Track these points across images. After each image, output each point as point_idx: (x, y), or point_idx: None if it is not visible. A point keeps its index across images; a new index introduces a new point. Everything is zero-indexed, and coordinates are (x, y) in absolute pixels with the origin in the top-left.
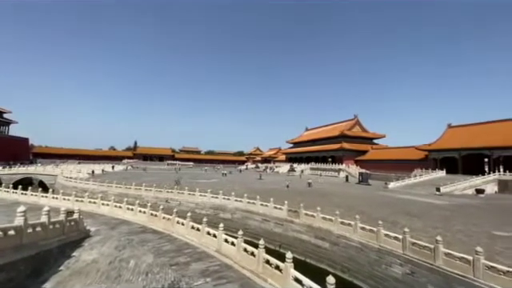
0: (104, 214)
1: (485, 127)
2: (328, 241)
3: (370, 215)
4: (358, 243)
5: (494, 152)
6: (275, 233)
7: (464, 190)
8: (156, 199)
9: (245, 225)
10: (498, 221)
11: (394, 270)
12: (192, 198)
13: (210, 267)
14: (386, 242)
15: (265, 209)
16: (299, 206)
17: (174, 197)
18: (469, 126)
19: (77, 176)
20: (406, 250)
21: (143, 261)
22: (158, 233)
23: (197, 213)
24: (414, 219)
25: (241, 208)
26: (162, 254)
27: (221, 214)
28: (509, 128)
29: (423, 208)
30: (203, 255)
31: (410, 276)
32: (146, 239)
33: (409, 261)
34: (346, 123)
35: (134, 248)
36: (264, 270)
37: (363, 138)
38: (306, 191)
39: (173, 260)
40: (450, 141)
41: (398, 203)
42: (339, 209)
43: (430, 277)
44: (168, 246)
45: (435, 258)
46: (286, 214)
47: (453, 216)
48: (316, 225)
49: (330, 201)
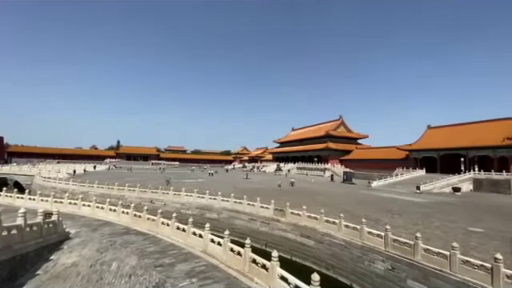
0: (85, 215)
1: (461, 128)
2: (313, 239)
3: (353, 213)
4: (342, 241)
5: (469, 152)
6: (261, 232)
7: (442, 188)
8: (140, 200)
9: (231, 224)
10: (473, 217)
11: (376, 266)
12: (177, 198)
13: (196, 268)
14: (369, 239)
15: (251, 208)
16: (285, 205)
17: (159, 197)
18: (447, 127)
19: (56, 176)
20: (388, 246)
21: (126, 263)
22: (142, 234)
23: (182, 213)
24: (396, 217)
25: (227, 208)
26: (147, 256)
27: (207, 213)
28: (483, 129)
29: (404, 206)
30: (189, 256)
31: (391, 271)
32: (129, 241)
33: (390, 257)
34: (332, 123)
35: (116, 250)
36: (250, 269)
37: (348, 138)
38: (292, 190)
39: (157, 261)
40: (429, 141)
41: (381, 201)
42: (324, 207)
43: (409, 272)
44: (152, 247)
45: (415, 254)
46: (273, 213)
47: (431, 213)
48: (302, 223)
49: (316, 200)
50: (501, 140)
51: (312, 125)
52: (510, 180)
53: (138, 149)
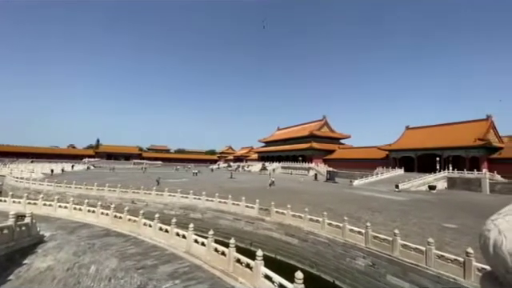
0: (61, 217)
1: (437, 129)
2: (297, 237)
3: (336, 211)
4: (325, 239)
5: (444, 152)
6: (246, 231)
7: (419, 186)
8: (121, 200)
9: (216, 224)
10: (447, 214)
11: (357, 262)
12: (160, 198)
13: (179, 269)
14: (351, 236)
15: (236, 208)
16: (270, 204)
17: (141, 197)
18: (424, 128)
19: (29, 176)
20: (369, 243)
21: (106, 266)
22: (122, 236)
23: (165, 214)
24: (376, 214)
25: (212, 208)
26: (128, 258)
27: (191, 214)
28: (457, 130)
29: (384, 203)
30: (172, 257)
31: (372, 267)
32: (109, 243)
33: (371, 253)
34: (315, 123)
35: (95, 253)
36: (235, 269)
37: (331, 138)
38: (277, 190)
39: (139, 263)
40: (407, 141)
41: (362, 199)
42: (308, 206)
43: (388, 267)
44: (134, 249)
45: (393, 250)
46: (258, 212)
47: (409, 210)
48: (286, 222)
49: (300, 198)
50: (472, 141)
51: (297, 125)
52: (480, 179)
53: (118, 148)
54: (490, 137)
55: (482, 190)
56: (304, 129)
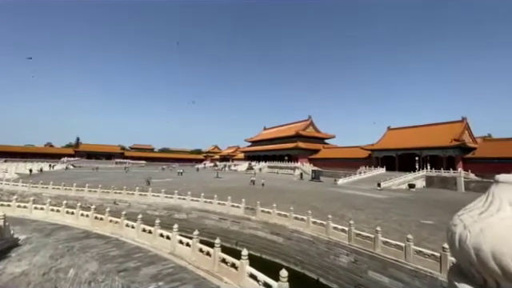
0: (37, 219)
1: (417, 130)
2: (283, 236)
3: (321, 210)
4: (309, 237)
5: (422, 152)
6: (232, 231)
7: (399, 185)
8: (102, 201)
9: (201, 224)
10: (425, 211)
11: (340, 259)
12: (144, 198)
13: (163, 270)
14: (335, 234)
15: (222, 207)
16: (256, 203)
17: (123, 198)
18: (404, 129)
19: (2, 177)
20: (352, 240)
21: (86, 269)
22: (103, 237)
23: (149, 214)
24: (359, 212)
25: (197, 208)
26: (109, 261)
27: (175, 214)
28: (434, 131)
29: (366, 202)
30: (155, 259)
31: (354, 264)
32: (89, 245)
33: (353, 250)
34: (301, 123)
35: (74, 256)
36: (220, 269)
37: (316, 137)
38: (263, 189)
39: (121, 266)
40: (389, 141)
41: (346, 198)
42: (294, 205)
43: (370, 263)
44: (116, 251)
45: (375, 247)
46: (243, 211)
47: (390, 208)
48: (272, 221)
49: (286, 197)
50: (449, 141)
51: (283, 124)
52: (455, 177)
53: (100, 147)
54: (464, 137)
55: (457, 188)
56: (290, 128)
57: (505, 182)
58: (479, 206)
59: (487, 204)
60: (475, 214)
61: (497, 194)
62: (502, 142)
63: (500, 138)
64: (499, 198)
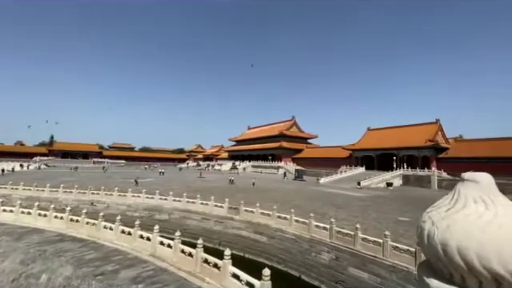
0: (6, 222)
1: (394, 131)
2: (266, 235)
3: (303, 208)
4: (292, 235)
5: (399, 152)
6: (215, 231)
7: (378, 183)
8: (78, 202)
9: (183, 225)
10: (402, 209)
11: (322, 256)
12: (123, 199)
13: (143, 273)
14: (316, 232)
15: (205, 207)
16: (240, 202)
17: (101, 199)
18: (383, 130)
19: None
20: (333, 238)
21: (60, 274)
22: (79, 240)
23: (129, 215)
24: (340, 210)
25: (179, 208)
26: (85, 264)
27: (156, 215)
28: (411, 132)
29: (347, 200)
30: (135, 261)
31: (335, 261)
32: (63, 249)
33: (334, 247)
34: (285, 123)
35: (47, 260)
36: (202, 270)
37: (299, 137)
38: (248, 188)
39: (98, 270)
40: (368, 142)
41: (327, 196)
42: (277, 204)
43: (350, 260)
44: (92, 254)
45: (355, 243)
46: (227, 211)
47: (369, 206)
48: (255, 220)
49: (269, 196)
50: (423, 141)
51: (267, 124)
52: (430, 176)
53: (76, 145)
54: (438, 138)
55: (431, 186)
56: (274, 128)
57: (470, 180)
58: (446, 203)
59: (453, 201)
60: (443, 210)
61: (462, 191)
62: (471, 143)
63: (470, 139)
64: (464, 195)
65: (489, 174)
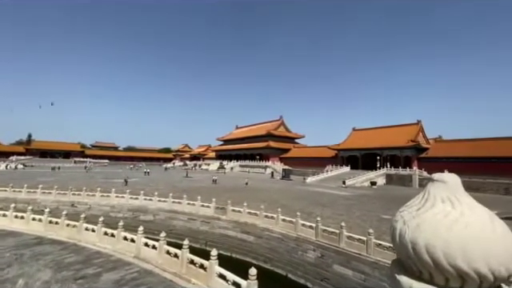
0: None
1: (378, 131)
2: (253, 234)
3: (290, 207)
4: (279, 234)
5: (383, 152)
6: (201, 231)
7: (362, 182)
8: (58, 203)
9: (169, 226)
10: (385, 207)
11: (308, 255)
12: (106, 200)
13: (127, 275)
14: (303, 230)
15: (191, 208)
16: (227, 202)
17: (83, 200)
18: (368, 130)
19: None
20: (318, 236)
21: (38, 278)
22: (59, 243)
23: (112, 217)
24: (326, 209)
25: (165, 208)
26: (65, 268)
27: (141, 216)
28: (394, 132)
29: (332, 198)
30: (118, 263)
31: (321, 259)
32: (42, 252)
33: (320, 246)
34: (272, 123)
35: (24, 264)
36: (188, 271)
37: (287, 137)
38: (236, 188)
39: (79, 273)
40: (353, 142)
41: (314, 195)
42: (264, 203)
43: (335, 258)
44: (73, 257)
45: (340, 241)
46: (214, 211)
47: (354, 204)
48: (242, 220)
49: (257, 196)
50: (406, 142)
51: (255, 124)
52: (411, 175)
53: (56, 144)
54: (419, 139)
55: (412, 184)
56: (262, 128)
57: (438, 180)
58: (417, 202)
59: (424, 201)
60: (413, 210)
61: (432, 191)
62: (450, 143)
63: (449, 140)
64: (433, 195)
65: (456, 175)
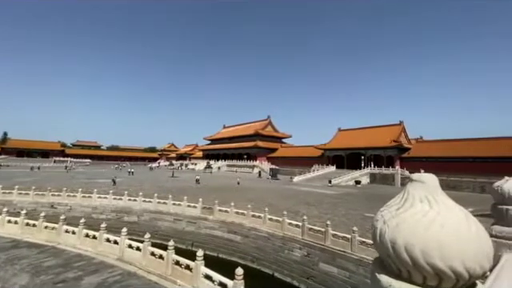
0: None
1: (363, 131)
2: (240, 234)
3: (277, 207)
4: (266, 233)
5: (367, 151)
6: (187, 232)
7: (347, 181)
8: (36, 205)
9: (154, 227)
10: (369, 205)
11: (294, 253)
12: (88, 200)
13: (109, 278)
14: (289, 229)
15: (177, 208)
16: (214, 202)
17: (63, 201)
18: (353, 130)
19: None
20: (305, 235)
21: (13, 283)
22: (37, 246)
23: (94, 218)
24: (312, 207)
25: (150, 209)
26: (43, 272)
27: (125, 217)
28: (377, 133)
29: (319, 197)
30: (101, 266)
31: (307, 257)
32: (19, 256)
33: (306, 244)
34: (260, 123)
35: None
36: (173, 272)
37: (274, 137)
38: (223, 187)
39: (58, 277)
40: (339, 142)
41: (300, 194)
42: (251, 203)
43: (321, 255)
44: (52, 260)
45: (325, 240)
46: (200, 211)
47: (339, 203)
48: (229, 220)
49: (244, 195)
50: (388, 142)
51: (243, 123)
52: (394, 174)
53: (34, 143)
54: (401, 139)
55: (395, 183)
56: (249, 127)
57: (417, 180)
58: (397, 202)
59: (403, 201)
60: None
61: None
62: (430, 144)
63: (429, 140)
64: (412, 195)
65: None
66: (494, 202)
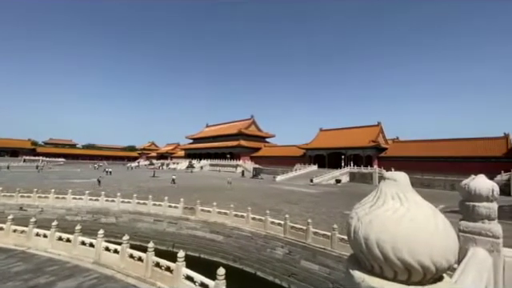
0: None
1: (343, 132)
2: (222, 234)
3: (260, 206)
4: (248, 233)
5: (347, 151)
6: (168, 233)
7: (328, 180)
8: (3, 207)
9: (133, 228)
10: (348, 203)
11: (276, 252)
12: (61, 202)
13: (85, 282)
14: (272, 228)
15: (158, 208)
16: (196, 202)
17: (34, 202)
18: (333, 130)
19: None
20: (287, 233)
21: None
22: (4, 251)
23: (69, 220)
24: (294, 206)
25: (128, 210)
26: (11, 278)
27: (102, 218)
28: (357, 133)
29: (301, 196)
30: (75, 270)
31: (289, 255)
32: None
33: (288, 242)
34: (244, 122)
35: None
36: (153, 274)
37: (258, 136)
38: (204, 187)
39: (28, 283)
40: (320, 141)
41: (283, 193)
42: (234, 202)
43: (302, 253)
44: (21, 266)
45: (307, 237)
46: (182, 211)
47: (320, 201)
48: (212, 220)
49: (227, 195)
50: (367, 142)
51: (226, 122)
52: (372, 173)
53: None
54: (379, 139)
55: (373, 182)
56: (233, 127)
57: (389, 178)
58: (371, 199)
59: (376, 198)
60: (367, 207)
61: (383, 189)
62: (406, 144)
63: (405, 140)
64: (385, 192)
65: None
66: (461, 198)
